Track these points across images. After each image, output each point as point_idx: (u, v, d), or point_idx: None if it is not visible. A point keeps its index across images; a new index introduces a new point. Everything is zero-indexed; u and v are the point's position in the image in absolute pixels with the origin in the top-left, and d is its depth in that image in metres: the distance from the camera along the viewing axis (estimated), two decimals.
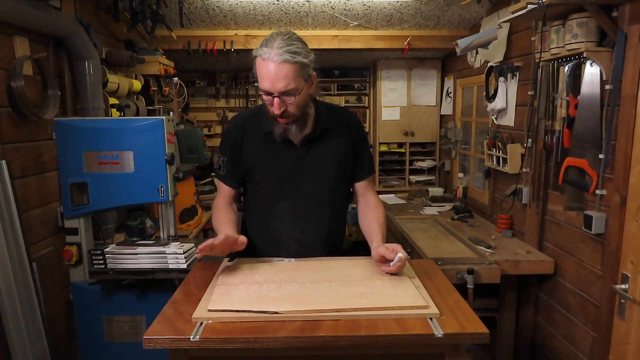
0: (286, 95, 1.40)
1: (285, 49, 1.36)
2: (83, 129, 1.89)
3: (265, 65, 1.37)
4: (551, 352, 2.55)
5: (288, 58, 1.36)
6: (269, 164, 1.58)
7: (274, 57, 1.36)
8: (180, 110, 4.43)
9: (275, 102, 1.41)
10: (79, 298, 1.99)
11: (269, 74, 1.37)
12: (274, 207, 1.61)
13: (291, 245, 1.61)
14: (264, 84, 1.40)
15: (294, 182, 1.58)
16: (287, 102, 1.42)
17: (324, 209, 1.62)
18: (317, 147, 1.58)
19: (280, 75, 1.36)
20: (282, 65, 1.36)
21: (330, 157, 1.60)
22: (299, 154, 1.57)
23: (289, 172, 1.58)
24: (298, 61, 1.37)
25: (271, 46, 1.37)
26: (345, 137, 1.63)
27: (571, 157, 2.16)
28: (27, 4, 1.92)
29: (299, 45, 1.40)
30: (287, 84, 1.38)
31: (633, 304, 1.86)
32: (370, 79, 4.86)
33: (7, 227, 1.79)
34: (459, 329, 1.10)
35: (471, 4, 3.11)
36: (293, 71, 1.37)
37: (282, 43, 1.37)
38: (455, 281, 2.31)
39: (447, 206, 3.69)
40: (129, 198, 1.93)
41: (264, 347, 1.09)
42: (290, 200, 1.59)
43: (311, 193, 1.59)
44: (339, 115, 1.66)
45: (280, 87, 1.38)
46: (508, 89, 2.94)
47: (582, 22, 2.04)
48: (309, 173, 1.58)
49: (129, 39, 3.11)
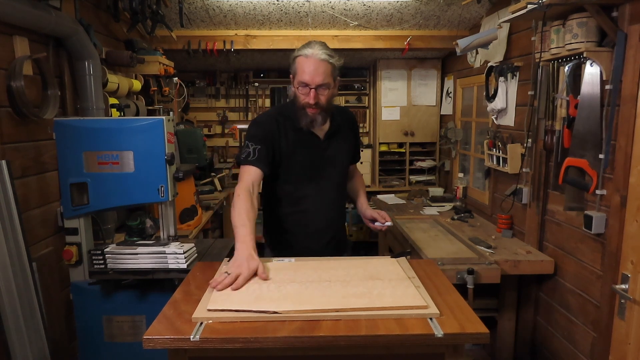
0: (321, 88, 1.70)
1: (324, 51, 1.69)
2: (83, 129, 1.89)
3: (308, 61, 1.68)
4: (551, 352, 2.55)
5: (327, 57, 1.68)
6: (300, 153, 1.83)
7: (317, 54, 1.67)
8: (180, 110, 4.43)
9: (312, 93, 1.70)
10: (79, 298, 1.99)
11: (310, 68, 1.67)
12: (303, 192, 1.86)
13: (320, 222, 1.89)
14: (305, 77, 1.69)
15: (320, 169, 1.87)
16: (320, 95, 1.70)
17: (341, 192, 1.99)
18: (335, 141, 1.89)
19: (320, 70, 1.68)
20: (322, 63, 1.68)
21: (344, 148, 1.94)
22: (323, 146, 1.86)
23: (318, 160, 1.86)
24: (333, 62, 1.70)
25: (313, 47, 1.69)
26: (350, 133, 1.99)
27: (571, 157, 2.16)
28: (27, 4, 1.92)
29: (333, 52, 1.72)
30: (323, 78, 1.69)
31: (633, 304, 1.86)
32: (370, 79, 4.86)
33: (7, 227, 1.79)
34: (459, 329, 1.10)
35: (471, 4, 3.11)
36: (330, 69, 1.70)
37: (322, 47, 1.70)
38: (455, 281, 2.31)
39: (447, 206, 3.69)
40: (129, 198, 1.93)
41: (263, 347, 1.09)
42: (317, 184, 1.87)
43: (334, 179, 1.91)
44: (345, 114, 2.00)
45: (318, 81, 1.68)
46: (508, 89, 2.94)
47: (582, 22, 2.04)
48: (332, 162, 1.89)
49: (129, 39, 3.11)
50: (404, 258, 1.57)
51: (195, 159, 3.63)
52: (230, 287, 1.29)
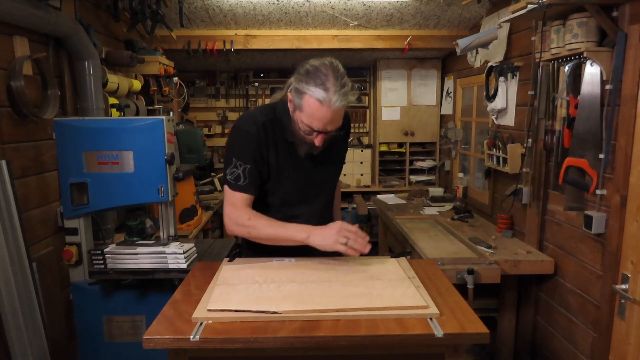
0: (331, 131, 1.43)
1: (342, 92, 1.35)
2: (83, 129, 1.89)
3: (322, 109, 1.35)
4: (551, 352, 2.55)
5: (343, 104, 1.36)
6: (290, 170, 1.58)
7: (334, 103, 1.34)
8: (180, 110, 4.43)
9: (320, 137, 1.43)
10: (79, 298, 1.99)
11: (324, 117, 1.37)
12: (294, 209, 1.62)
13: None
14: (315, 124, 1.39)
15: (313, 186, 1.63)
16: (328, 136, 1.45)
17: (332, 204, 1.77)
18: (328, 152, 1.59)
19: (336, 118, 1.39)
20: (339, 110, 1.37)
21: (338, 159, 1.71)
22: (316, 161, 1.59)
23: (309, 177, 1.61)
24: (347, 103, 1.38)
25: (328, 89, 1.33)
26: (343, 137, 1.71)
27: (571, 157, 2.16)
28: (27, 4, 1.92)
29: (347, 84, 1.38)
30: (337, 125, 1.42)
31: (633, 304, 1.86)
32: (370, 79, 4.86)
33: (7, 227, 1.79)
34: (459, 329, 1.09)
35: (471, 4, 3.11)
36: (343, 113, 1.41)
37: (338, 84, 1.34)
38: (455, 281, 2.31)
39: (447, 206, 3.69)
40: (129, 198, 1.93)
41: (263, 347, 1.09)
42: (309, 202, 1.64)
43: (327, 194, 1.70)
44: None
45: (332, 128, 1.42)
46: (508, 89, 2.94)
47: (582, 22, 2.04)
48: (325, 176, 1.66)
49: (129, 39, 3.11)
50: (404, 258, 1.57)
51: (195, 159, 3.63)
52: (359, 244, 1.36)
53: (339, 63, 1.41)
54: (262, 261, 1.52)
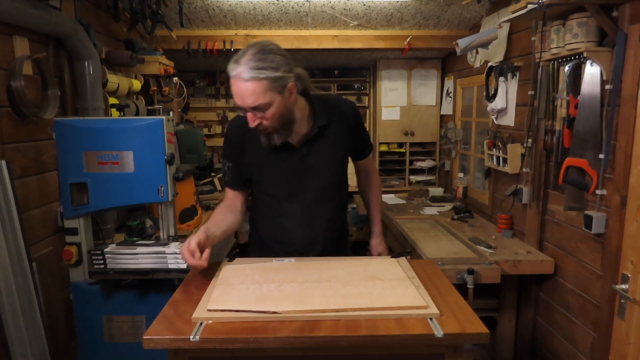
0: (257, 110, 1.40)
1: (251, 66, 1.34)
2: (83, 129, 1.89)
3: (234, 83, 1.37)
4: (551, 352, 2.55)
5: (254, 75, 1.34)
6: (272, 167, 1.60)
7: (241, 74, 1.35)
8: (180, 110, 4.43)
9: (248, 116, 1.43)
10: (79, 298, 1.99)
11: (237, 91, 1.37)
12: (282, 206, 1.65)
13: (302, 240, 1.66)
14: (236, 99, 1.40)
15: (300, 181, 1.62)
16: (261, 117, 1.42)
17: (331, 203, 1.69)
18: (319, 144, 1.60)
19: (248, 92, 1.36)
20: (249, 83, 1.35)
21: (333, 152, 1.65)
22: (301, 154, 1.59)
23: (294, 172, 1.61)
24: (265, 77, 1.35)
25: (238, 63, 1.35)
26: (345, 130, 1.67)
27: (571, 157, 2.16)
28: (27, 4, 1.92)
29: (270, 60, 1.36)
30: (255, 100, 1.37)
31: (633, 304, 1.86)
32: (370, 79, 4.86)
33: (7, 227, 1.79)
34: (459, 329, 1.09)
35: (471, 4, 3.11)
36: (261, 87, 1.35)
37: (251, 58, 1.34)
38: (455, 281, 2.31)
39: (447, 206, 3.69)
40: (129, 198, 1.93)
41: (263, 347, 1.09)
42: (297, 198, 1.63)
43: (318, 190, 1.64)
44: (335, 107, 1.66)
45: (250, 104, 1.38)
46: (508, 89, 2.94)
47: (582, 22, 2.04)
48: (313, 170, 1.62)
49: (129, 39, 3.11)
50: (404, 258, 1.57)
51: (195, 159, 3.62)
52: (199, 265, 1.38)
53: (272, 43, 1.41)
54: (262, 261, 1.53)
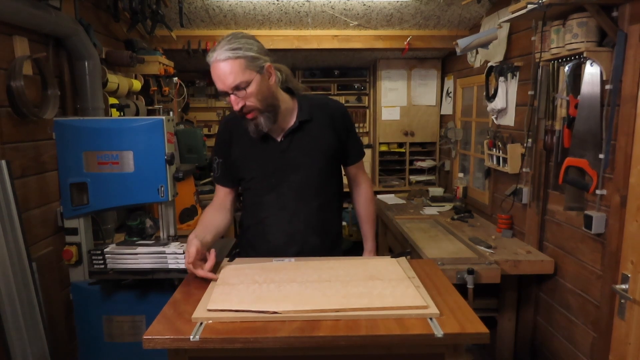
0: (239, 90, 1.45)
1: (226, 48, 1.42)
2: (83, 129, 1.89)
3: (213, 68, 1.44)
4: (551, 352, 2.55)
5: (230, 55, 1.42)
6: (255, 160, 1.65)
7: (217, 56, 1.43)
8: (180, 110, 4.43)
9: (232, 99, 1.47)
10: (79, 298, 1.99)
11: (217, 73, 1.44)
12: (262, 200, 1.67)
13: (279, 237, 1.66)
14: (218, 84, 1.46)
15: (279, 175, 1.63)
16: (243, 97, 1.47)
17: (311, 201, 1.66)
18: (299, 139, 1.63)
19: (226, 72, 1.42)
20: (226, 63, 1.42)
21: (315, 148, 1.64)
22: (281, 148, 1.62)
23: (274, 165, 1.63)
24: (241, 55, 1.42)
25: (215, 49, 1.44)
26: (329, 128, 1.66)
27: (571, 157, 2.16)
28: (27, 4, 1.92)
29: (242, 42, 1.44)
30: (234, 78, 1.43)
31: (633, 304, 1.86)
32: (370, 79, 4.86)
33: (7, 227, 1.79)
34: (459, 329, 1.09)
35: (471, 4, 3.11)
36: (238, 66, 1.42)
37: (224, 43, 1.43)
38: (455, 281, 2.31)
39: (447, 206, 3.69)
40: (129, 198, 1.93)
41: (263, 347, 1.09)
42: (277, 193, 1.65)
43: (297, 185, 1.64)
44: (322, 106, 1.69)
45: (230, 83, 1.43)
46: (508, 89, 2.94)
47: (582, 22, 2.04)
48: (293, 165, 1.63)
49: (129, 39, 3.11)
50: (404, 258, 1.57)
51: (195, 159, 3.63)
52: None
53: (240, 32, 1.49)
54: (262, 261, 1.53)
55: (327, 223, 1.71)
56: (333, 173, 1.71)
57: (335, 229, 1.77)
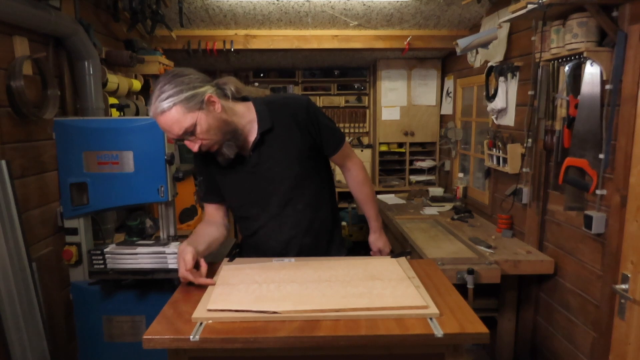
0: (189, 135, 1.41)
1: (161, 99, 1.36)
2: (83, 129, 1.89)
3: (158, 122, 1.40)
4: (551, 352, 2.55)
5: (165, 106, 1.36)
6: (230, 181, 1.62)
7: (155, 110, 1.38)
8: None
9: (187, 143, 1.44)
10: (78, 298, 1.99)
11: (162, 126, 1.40)
12: (249, 215, 1.66)
13: (275, 246, 1.65)
14: (168, 135, 1.45)
15: (257, 190, 1.60)
16: (196, 139, 1.42)
17: (296, 204, 1.62)
18: (268, 149, 1.56)
19: (169, 123, 1.38)
20: (164, 115, 1.37)
21: (285, 155, 1.58)
22: (252, 163, 1.57)
23: (250, 181, 1.59)
24: (176, 102, 1.36)
25: (151, 102, 1.39)
26: (295, 128, 1.56)
27: (571, 157, 2.16)
28: (27, 3, 1.92)
29: (173, 84, 1.37)
30: (179, 127, 1.38)
31: (633, 304, 1.86)
32: (370, 79, 4.86)
33: (7, 227, 1.79)
34: (459, 329, 1.09)
35: (471, 3, 3.11)
36: (177, 113, 1.36)
37: (158, 93, 1.37)
38: (455, 281, 2.31)
39: (447, 206, 3.69)
40: (129, 198, 1.93)
41: (263, 347, 1.09)
42: (260, 206, 1.62)
43: (278, 195, 1.60)
44: (283, 107, 1.58)
45: (177, 132, 1.40)
46: (508, 89, 2.94)
47: (582, 22, 2.04)
48: (269, 177, 1.59)
49: (129, 39, 3.11)
50: (404, 258, 1.57)
51: None
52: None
53: (176, 69, 1.44)
54: (262, 261, 1.53)
55: (317, 221, 1.67)
56: (313, 170, 1.64)
57: (328, 224, 1.73)
